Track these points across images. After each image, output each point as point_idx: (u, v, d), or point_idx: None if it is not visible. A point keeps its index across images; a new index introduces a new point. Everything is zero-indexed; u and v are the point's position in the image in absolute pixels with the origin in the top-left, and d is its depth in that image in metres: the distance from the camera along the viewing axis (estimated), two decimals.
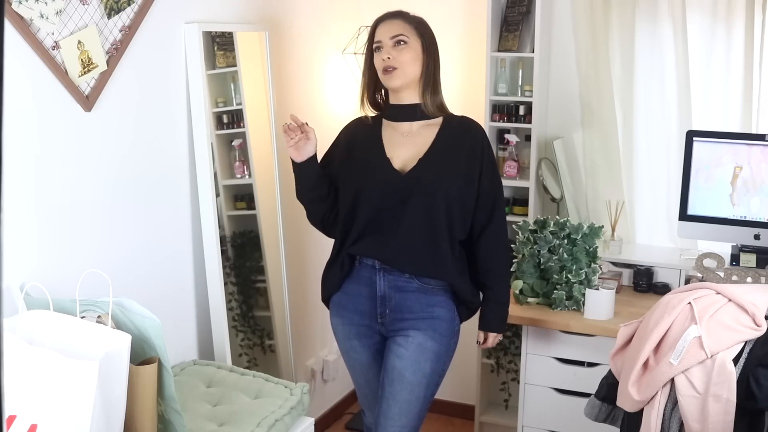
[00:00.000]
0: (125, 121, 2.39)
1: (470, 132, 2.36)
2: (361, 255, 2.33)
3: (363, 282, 2.35)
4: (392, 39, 2.29)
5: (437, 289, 2.32)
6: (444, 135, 2.33)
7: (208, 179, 2.64)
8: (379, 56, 2.31)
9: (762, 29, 2.97)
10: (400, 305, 2.31)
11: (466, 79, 3.47)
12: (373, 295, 2.33)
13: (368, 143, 2.36)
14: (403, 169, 2.30)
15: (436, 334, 2.30)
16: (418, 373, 2.29)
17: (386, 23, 2.33)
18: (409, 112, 2.35)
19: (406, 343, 2.30)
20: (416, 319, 2.30)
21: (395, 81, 2.29)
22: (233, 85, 2.78)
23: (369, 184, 2.30)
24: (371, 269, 2.33)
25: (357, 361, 2.44)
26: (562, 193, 3.23)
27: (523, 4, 3.23)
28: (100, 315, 1.92)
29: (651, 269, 3.03)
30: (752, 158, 2.84)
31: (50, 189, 2.15)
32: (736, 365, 1.94)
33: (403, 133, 2.35)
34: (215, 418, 2.30)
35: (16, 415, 1.68)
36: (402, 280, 2.30)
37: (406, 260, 2.28)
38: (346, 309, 2.39)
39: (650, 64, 3.17)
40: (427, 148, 2.31)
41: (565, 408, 2.88)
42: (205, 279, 2.72)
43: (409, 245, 2.28)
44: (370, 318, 2.35)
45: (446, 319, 2.33)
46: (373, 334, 2.38)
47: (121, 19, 2.31)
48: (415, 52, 2.29)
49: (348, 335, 2.41)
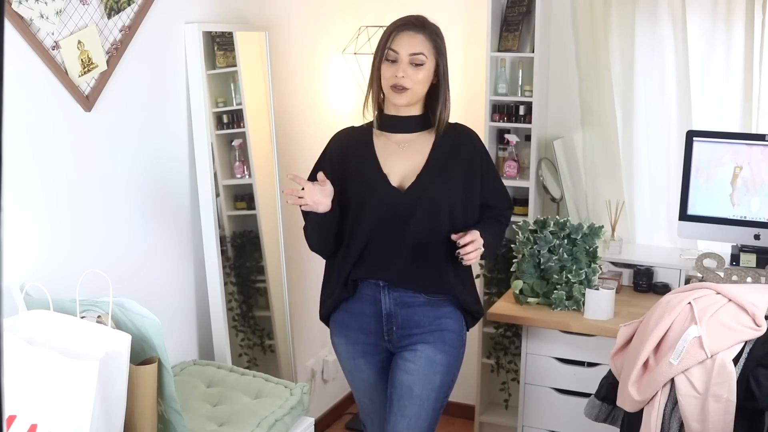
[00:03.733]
0: (125, 121, 2.38)
1: (466, 141, 2.29)
2: (365, 279, 2.24)
3: (366, 301, 2.25)
4: (411, 56, 2.17)
5: (444, 301, 2.25)
6: (440, 146, 2.25)
7: (208, 179, 2.64)
8: (391, 68, 2.18)
9: (762, 29, 2.97)
10: (408, 321, 2.23)
11: (466, 79, 3.47)
12: (378, 313, 2.24)
13: (362, 157, 2.25)
14: (401, 185, 2.22)
15: (446, 346, 2.23)
16: (427, 387, 2.22)
17: (408, 36, 2.18)
18: (407, 124, 2.26)
19: (415, 357, 2.22)
20: (424, 332, 2.23)
21: (403, 100, 2.19)
22: (233, 85, 2.78)
23: (367, 204, 2.20)
24: (375, 287, 2.24)
25: (362, 381, 2.34)
26: (562, 193, 3.23)
27: (523, 4, 3.23)
28: (100, 315, 1.92)
29: (651, 269, 3.03)
30: (752, 158, 2.84)
31: (50, 189, 2.15)
32: (736, 365, 1.94)
33: (398, 143, 2.26)
34: (215, 418, 2.30)
35: (16, 415, 1.68)
36: (408, 295, 2.23)
37: (412, 279, 2.21)
38: (350, 329, 2.29)
39: (650, 64, 3.17)
40: (425, 161, 2.23)
41: (565, 408, 2.88)
42: (205, 279, 2.72)
43: (413, 264, 2.20)
44: (377, 336, 2.27)
45: (454, 329, 2.26)
46: (380, 351, 2.29)
47: (121, 19, 2.31)
48: (429, 72, 2.19)
49: (353, 354, 2.31)
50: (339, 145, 2.31)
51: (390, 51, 2.18)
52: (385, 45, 2.19)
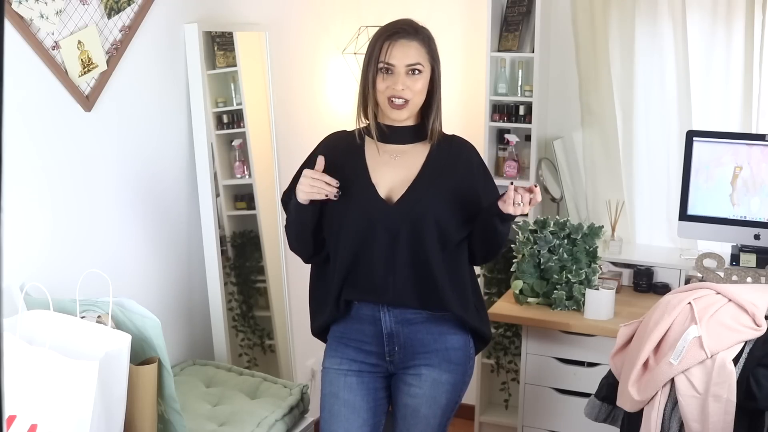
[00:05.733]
0: (125, 121, 2.39)
1: (463, 155, 2.17)
2: (359, 300, 2.13)
3: (365, 320, 2.14)
4: (408, 67, 2.04)
5: (447, 317, 2.14)
6: (435, 158, 2.13)
7: (207, 179, 2.64)
8: (387, 81, 2.05)
9: (762, 29, 2.97)
10: (411, 340, 2.12)
11: (466, 79, 3.47)
12: (378, 333, 2.13)
13: (351, 164, 2.12)
14: (389, 197, 2.09)
15: (451, 365, 2.13)
16: (434, 407, 2.14)
17: (401, 45, 2.05)
18: (403, 135, 2.13)
19: (419, 382, 2.13)
20: (428, 353, 2.12)
21: (404, 114, 2.08)
22: (233, 85, 2.78)
23: (353, 215, 2.07)
24: (373, 307, 2.12)
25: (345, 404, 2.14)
26: (562, 193, 3.23)
27: (523, 4, 3.23)
28: (100, 315, 1.92)
29: (651, 269, 3.03)
30: (752, 158, 2.84)
31: (50, 189, 2.15)
32: (736, 365, 1.94)
33: (390, 153, 2.13)
34: (215, 418, 2.30)
35: (16, 415, 1.68)
36: (409, 312, 2.11)
37: (410, 297, 2.09)
38: (347, 347, 2.17)
39: (650, 64, 3.18)
40: (417, 173, 2.11)
41: (565, 408, 2.88)
42: (205, 279, 2.72)
43: (407, 282, 2.08)
44: (377, 357, 2.15)
45: (460, 346, 2.15)
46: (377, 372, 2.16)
47: (121, 19, 2.31)
48: (425, 81, 2.08)
49: (346, 373, 2.15)
50: (329, 147, 2.18)
51: (385, 64, 2.04)
52: (378, 57, 2.05)
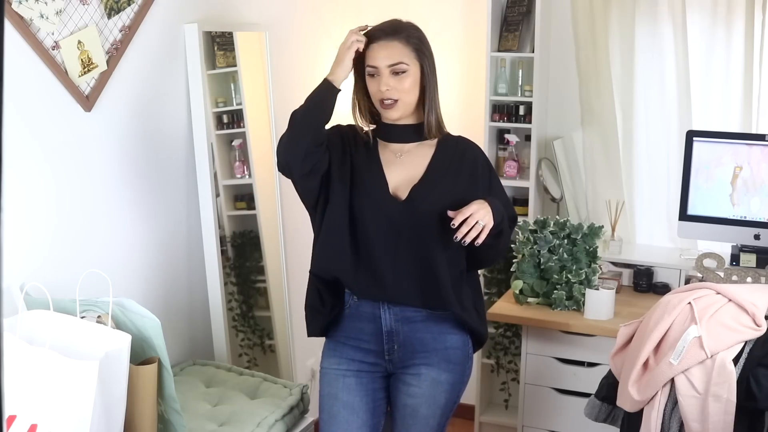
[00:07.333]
0: (125, 121, 2.39)
1: (468, 155, 2.16)
2: (361, 298, 2.13)
3: (365, 318, 2.14)
4: (390, 68, 2.04)
5: (447, 316, 2.14)
6: (440, 158, 2.13)
7: (207, 179, 2.64)
8: (374, 83, 2.08)
9: (762, 29, 2.97)
10: (410, 338, 2.12)
11: (466, 79, 3.47)
12: (378, 331, 2.12)
13: (363, 154, 2.14)
14: (396, 194, 2.10)
15: (450, 365, 2.14)
16: (433, 406, 2.14)
17: (381, 47, 2.06)
18: (403, 133, 2.15)
19: (418, 381, 2.13)
20: (427, 352, 2.13)
21: (395, 113, 2.08)
22: (233, 85, 2.78)
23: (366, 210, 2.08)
24: (373, 304, 2.12)
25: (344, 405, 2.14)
26: (562, 193, 3.23)
27: (523, 4, 3.23)
28: (100, 315, 1.92)
29: (651, 269, 3.03)
30: (752, 158, 2.84)
31: (50, 189, 2.15)
32: (736, 365, 1.94)
33: (395, 152, 2.15)
34: (215, 418, 2.30)
35: (16, 415, 1.68)
36: (410, 310, 2.11)
37: (411, 295, 2.09)
38: (346, 346, 2.17)
39: (650, 64, 3.18)
40: (422, 173, 2.11)
41: (565, 408, 2.88)
42: (205, 279, 2.72)
43: (409, 280, 2.08)
44: (376, 356, 2.15)
45: (459, 346, 2.15)
46: (375, 372, 2.16)
47: (121, 19, 2.31)
48: (414, 78, 2.06)
49: (345, 373, 2.16)
50: (347, 134, 2.19)
51: (369, 66, 2.08)
52: (365, 61, 2.09)
